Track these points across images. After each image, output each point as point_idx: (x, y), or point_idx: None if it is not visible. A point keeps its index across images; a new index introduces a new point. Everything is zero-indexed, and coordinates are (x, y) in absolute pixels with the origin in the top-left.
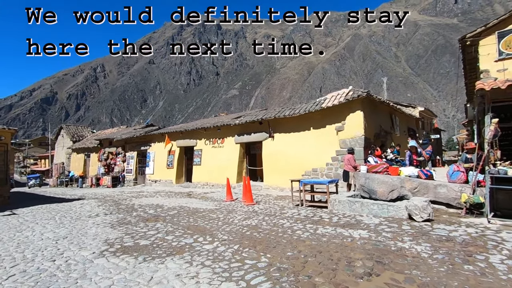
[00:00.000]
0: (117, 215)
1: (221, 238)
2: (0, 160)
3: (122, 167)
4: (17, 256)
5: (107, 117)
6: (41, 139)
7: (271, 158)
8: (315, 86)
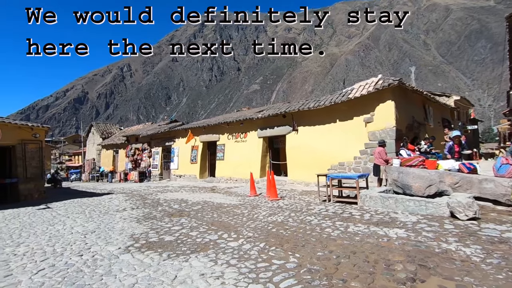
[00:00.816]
0: (143, 210)
1: (246, 235)
2: (35, 156)
3: (148, 162)
4: (47, 250)
5: (134, 115)
6: (75, 137)
7: (295, 152)
8: (338, 78)
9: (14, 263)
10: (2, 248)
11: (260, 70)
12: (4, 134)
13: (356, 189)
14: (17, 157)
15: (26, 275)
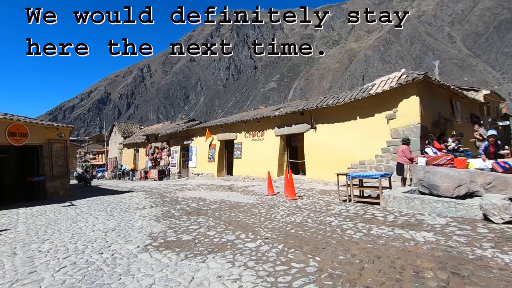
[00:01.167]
0: (162, 208)
1: (264, 235)
2: (60, 155)
3: (167, 161)
4: (70, 247)
5: (154, 114)
6: (98, 136)
7: (314, 151)
8: (357, 74)
9: (39, 260)
10: (28, 244)
11: (277, 68)
12: (31, 134)
13: (379, 189)
14: (44, 156)
15: (48, 272)
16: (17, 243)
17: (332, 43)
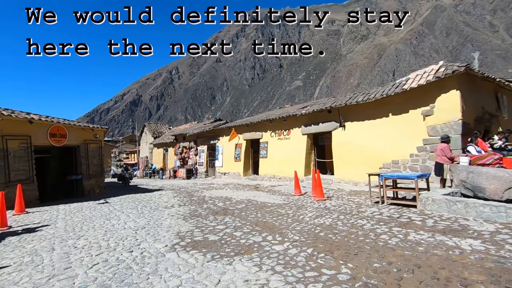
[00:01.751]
0: (189, 207)
1: (291, 238)
2: (96, 155)
3: (195, 160)
4: (102, 244)
5: (182, 115)
6: (131, 137)
7: (342, 150)
8: (387, 70)
9: (74, 256)
10: (65, 240)
11: (302, 65)
12: (70, 135)
13: (415, 191)
14: (81, 156)
15: (82, 268)
16: (56, 239)
17: (360, 38)
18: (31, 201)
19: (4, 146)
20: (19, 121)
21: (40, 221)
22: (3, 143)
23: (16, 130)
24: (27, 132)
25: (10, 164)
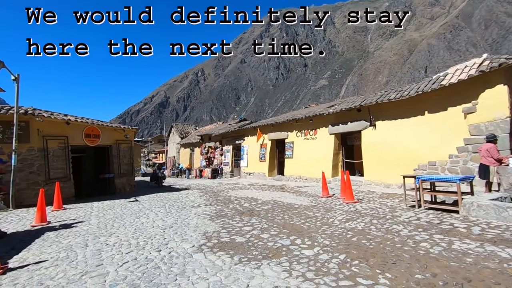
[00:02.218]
0: (215, 207)
1: (321, 242)
2: (126, 154)
3: (220, 160)
4: (132, 242)
5: (207, 116)
6: (159, 137)
7: (373, 150)
8: (418, 66)
9: (105, 253)
10: (98, 237)
11: (328, 64)
12: (103, 136)
13: (457, 195)
14: (113, 155)
15: (113, 266)
16: (89, 235)
17: (389, 34)
18: (68, 198)
19: (44, 146)
20: (57, 122)
21: (75, 218)
22: (44, 143)
23: (55, 131)
24: (65, 132)
25: (50, 163)
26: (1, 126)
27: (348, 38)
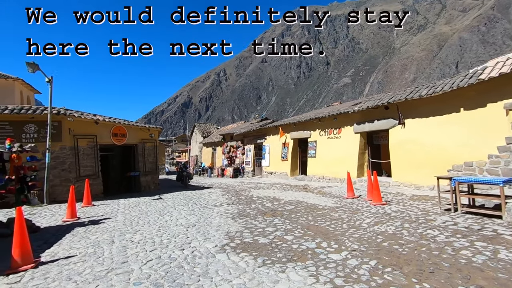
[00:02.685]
0: (237, 206)
1: (349, 246)
2: (151, 153)
3: (242, 159)
4: (156, 240)
5: (229, 115)
6: (182, 136)
7: (402, 149)
8: (449, 61)
9: (130, 250)
10: (124, 234)
11: (351, 62)
12: (129, 135)
13: (501, 198)
14: (138, 154)
15: (137, 264)
16: (116, 232)
17: (417, 29)
18: (96, 195)
19: (75, 144)
20: (87, 122)
21: (103, 214)
22: (75, 142)
23: (85, 130)
24: (94, 132)
25: (80, 161)
26: (37, 126)
27: (373, 34)
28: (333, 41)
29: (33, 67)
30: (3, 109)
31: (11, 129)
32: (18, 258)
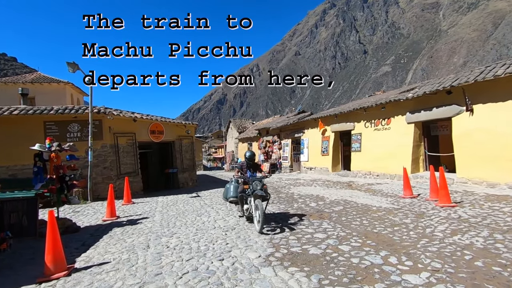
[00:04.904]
0: (278, 206)
1: (428, 264)
2: (188, 149)
3: (279, 154)
4: (193, 246)
5: (263, 110)
6: (218, 133)
7: (470, 140)
8: (506, 41)
9: (165, 258)
10: (160, 236)
11: (391, 49)
12: (166, 132)
13: None
14: (175, 151)
15: (172, 277)
16: (152, 234)
17: (467, 8)
18: (136, 192)
19: (115, 142)
20: (125, 120)
21: (141, 213)
22: (115, 140)
23: (124, 128)
24: (132, 129)
25: (120, 159)
26: (80, 125)
27: (415, 18)
28: (370, 28)
29: (73, 66)
30: (49, 110)
31: (56, 129)
32: (51, 264)
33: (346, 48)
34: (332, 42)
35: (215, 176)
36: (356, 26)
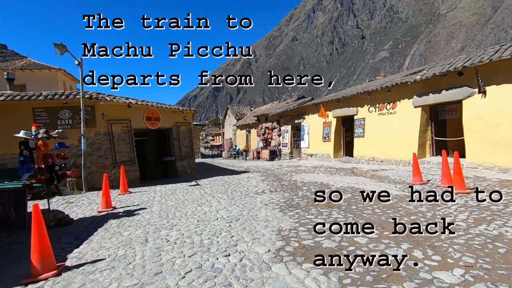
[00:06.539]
0: (282, 194)
1: (459, 259)
2: (186, 137)
3: (278, 141)
4: (195, 240)
5: (260, 97)
6: (216, 120)
7: (481, 124)
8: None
9: (165, 254)
10: (159, 229)
11: (388, 34)
12: (163, 118)
13: None
14: (173, 138)
15: (173, 277)
16: (150, 226)
17: None
18: (133, 181)
19: (109, 129)
20: (119, 106)
21: (139, 203)
22: (109, 127)
23: (118, 115)
24: (127, 116)
25: (115, 147)
26: (71, 111)
27: (414, 1)
28: (368, 12)
29: (61, 48)
30: (37, 95)
31: (46, 115)
32: (38, 264)
33: (343, 33)
34: (329, 27)
35: (214, 164)
36: (354, 10)
